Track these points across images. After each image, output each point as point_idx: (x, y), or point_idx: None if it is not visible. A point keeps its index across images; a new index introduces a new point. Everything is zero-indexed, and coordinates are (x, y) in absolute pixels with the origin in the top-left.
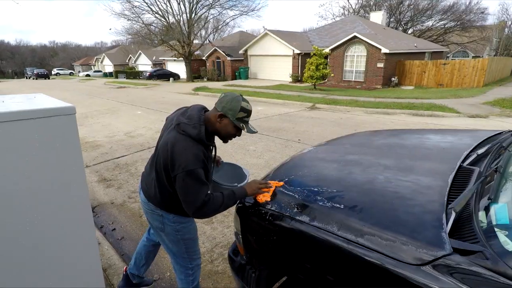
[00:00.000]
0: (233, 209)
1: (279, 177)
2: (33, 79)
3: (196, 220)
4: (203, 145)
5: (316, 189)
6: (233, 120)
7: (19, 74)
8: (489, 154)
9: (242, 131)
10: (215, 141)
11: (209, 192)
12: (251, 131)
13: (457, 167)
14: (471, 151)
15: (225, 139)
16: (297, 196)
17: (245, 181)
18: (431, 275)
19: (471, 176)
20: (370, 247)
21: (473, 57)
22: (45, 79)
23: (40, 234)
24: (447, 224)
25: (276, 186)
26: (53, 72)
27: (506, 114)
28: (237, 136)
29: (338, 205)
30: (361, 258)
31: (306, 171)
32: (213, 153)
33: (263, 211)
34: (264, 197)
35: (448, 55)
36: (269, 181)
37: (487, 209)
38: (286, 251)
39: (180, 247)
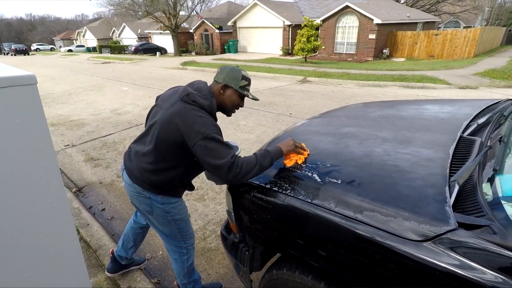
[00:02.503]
0: (224, 186)
1: None
2: (12, 55)
3: (187, 198)
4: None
5: (311, 164)
6: (237, 89)
7: None
8: (490, 123)
9: (245, 100)
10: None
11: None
12: (255, 98)
13: (457, 138)
14: (470, 121)
15: (229, 112)
16: (291, 172)
17: (238, 151)
18: (436, 251)
19: (472, 147)
20: (369, 224)
21: (464, 27)
22: (24, 55)
23: (3, 227)
24: (450, 197)
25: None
26: (32, 48)
27: (495, 85)
28: (240, 107)
29: (335, 180)
30: (360, 235)
31: None
32: None
33: (256, 188)
34: (298, 159)
35: (439, 26)
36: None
37: (491, 181)
38: (280, 229)
39: (172, 228)
